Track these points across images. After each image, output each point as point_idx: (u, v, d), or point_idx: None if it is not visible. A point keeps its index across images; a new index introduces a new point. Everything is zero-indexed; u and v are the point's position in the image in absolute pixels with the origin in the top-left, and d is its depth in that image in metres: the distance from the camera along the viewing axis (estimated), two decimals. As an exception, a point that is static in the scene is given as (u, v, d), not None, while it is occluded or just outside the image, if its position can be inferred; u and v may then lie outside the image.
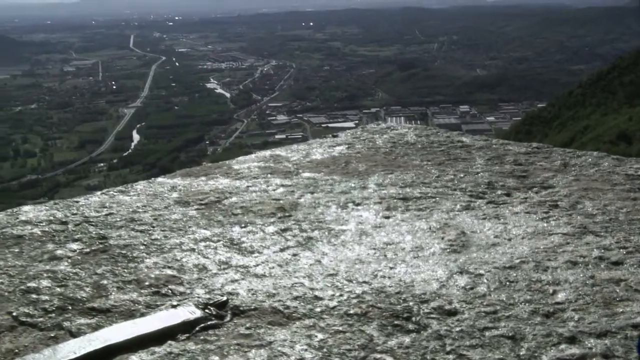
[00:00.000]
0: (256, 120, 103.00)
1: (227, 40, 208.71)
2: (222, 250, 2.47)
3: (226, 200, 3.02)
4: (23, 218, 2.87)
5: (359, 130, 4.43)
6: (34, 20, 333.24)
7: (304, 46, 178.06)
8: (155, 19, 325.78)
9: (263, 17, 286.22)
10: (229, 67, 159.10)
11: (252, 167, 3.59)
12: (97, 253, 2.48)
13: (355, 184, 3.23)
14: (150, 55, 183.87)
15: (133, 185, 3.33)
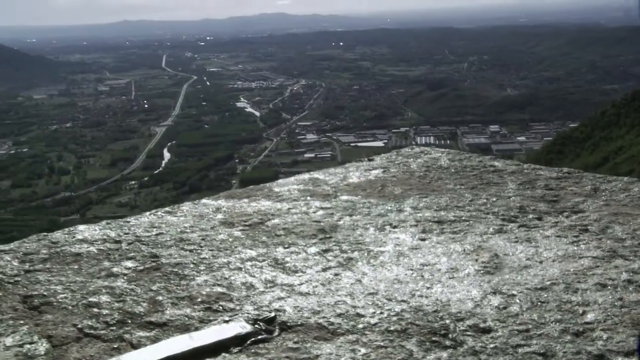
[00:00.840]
0: (285, 139, 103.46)
1: (257, 59, 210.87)
2: (268, 269, 2.62)
3: (269, 221, 3.18)
4: (79, 237, 3.06)
5: (393, 154, 4.57)
6: (71, 42, 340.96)
7: (333, 66, 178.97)
8: (187, 39, 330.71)
9: (293, 37, 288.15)
10: (259, 86, 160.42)
11: (292, 189, 3.75)
12: (151, 271, 2.65)
13: (391, 207, 3.37)
14: (181, 74, 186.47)
15: (179, 207, 3.51)
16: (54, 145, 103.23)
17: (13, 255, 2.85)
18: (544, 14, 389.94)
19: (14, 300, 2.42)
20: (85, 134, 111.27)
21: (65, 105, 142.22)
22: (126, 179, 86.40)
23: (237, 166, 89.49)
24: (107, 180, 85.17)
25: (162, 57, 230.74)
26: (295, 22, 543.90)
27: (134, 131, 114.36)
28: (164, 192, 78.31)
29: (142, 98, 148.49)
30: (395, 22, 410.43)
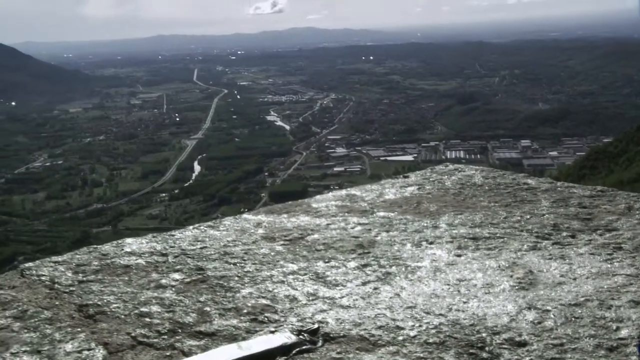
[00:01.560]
0: (315, 153, 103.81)
1: (287, 73, 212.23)
2: (309, 282, 2.74)
3: (309, 236, 3.30)
4: (127, 249, 3.21)
5: (428, 172, 4.66)
6: (106, 56, 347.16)
7: (363, 79, 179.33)
8: (219, 54, 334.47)
9: (324, 51, 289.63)
10: (289, 100, 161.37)
11: (330, 205, 3.87)
12: (197, 283, 2.78)
13: (427, 223, 3.46)
14: (212, 88, 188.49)
15: (221, 221, 3.64)
16: (88, 157, 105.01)
17: (67, 266, 3.00)
18: (576, 27, 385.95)
19: (71, 309, 2.57)
20: (117, 147, 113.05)
21: (99, 118, 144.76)
22: (157, 191, 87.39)
23: (267, 179, 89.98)
24: (138, 192, 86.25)
25: (194, 71, 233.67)
26: (325, 36, 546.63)
27: (165, 144, 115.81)
28: (193, 205, 79.07)
29: (174, 111, 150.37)
30: (425, 36, 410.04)
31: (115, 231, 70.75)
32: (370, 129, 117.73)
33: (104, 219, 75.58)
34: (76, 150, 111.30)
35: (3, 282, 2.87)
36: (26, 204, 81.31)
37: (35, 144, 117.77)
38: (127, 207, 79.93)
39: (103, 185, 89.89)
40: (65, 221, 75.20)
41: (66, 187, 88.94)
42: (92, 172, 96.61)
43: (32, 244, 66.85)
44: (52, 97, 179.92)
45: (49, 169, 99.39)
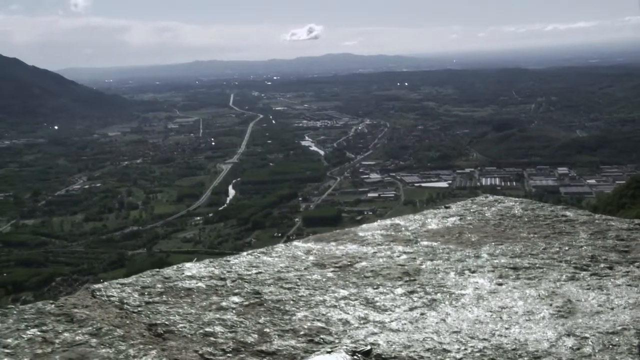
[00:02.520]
0: (349, 178, 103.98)
1: (322, 99, 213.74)
2: (360, 307, 2.93)
3: (357, 264, 3.50)
4: (188, 273, 3.43)
5: (468, 202, 4.83)
6: (145, 82, 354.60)
7: (398, 106, 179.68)
8: (255, 79, 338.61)
9: (359, 77, 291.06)
10: (324, 125, 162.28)
11: (375, 234, 4.07)
12: (255, 306, 2.99)
13: (469, 253, 3.63)
14: (248, 113, 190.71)
15: (273, 248, 3.86)
16: (125, 180, 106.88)
17: (133, 288, 3.24)
18: (615, 54, 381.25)
19: (141, 328, 2.79)
20: (154, 170, 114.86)
21: (136, 142, 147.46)
22: (192, 214, 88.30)
23: (301, 204, 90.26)
24: (173, 215, 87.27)
25: (230, 96, 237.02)
26: (361, 62, 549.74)
27: (200, 168, 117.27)
28: (227, 229, 79.67)
29: (210, 136, 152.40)
30: (461, 63, 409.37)
31: (150, 254, 71.66)
32: (404, 155, 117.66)
33: (139, 242, 76.61)
34: (114, 173, 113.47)
35: (76, 301, 3.11)
36: (65, 226, 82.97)
37: (75, 166, 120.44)
38: (162, 230, 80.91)
39: (139, 208, 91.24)
40: (101, 243, 76.44)
41: (103, 209, 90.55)
42: (129, 195, 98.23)
43: (69, 265, 68.10)
44: (93, 121, 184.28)
45: (87, 191, 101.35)
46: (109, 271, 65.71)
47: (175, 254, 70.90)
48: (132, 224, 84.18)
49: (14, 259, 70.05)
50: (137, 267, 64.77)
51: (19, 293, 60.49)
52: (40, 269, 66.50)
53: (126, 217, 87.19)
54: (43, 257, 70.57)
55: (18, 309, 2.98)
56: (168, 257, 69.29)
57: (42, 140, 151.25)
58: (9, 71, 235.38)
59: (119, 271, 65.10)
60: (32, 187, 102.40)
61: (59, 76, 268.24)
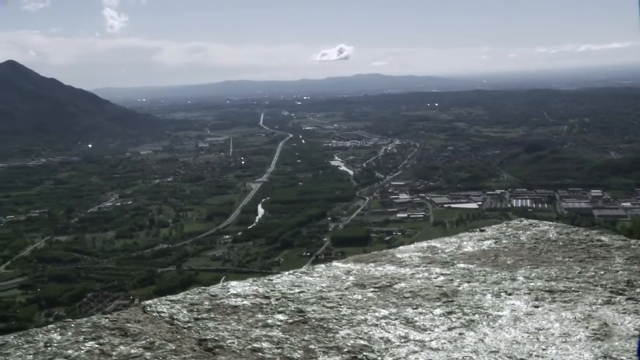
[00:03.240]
0: (378, 198, 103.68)
1: (352, 119, 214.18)
2: (400, 326, 3.04)
3: (396, 285, 3.61)
4: (233, 291, 3.58)
5: (503, 226, 4.92)
6: (177, 101, 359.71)
7: (428, 126, 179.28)
8: (285, 99, 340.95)
9: (388, 98, 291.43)
10: (354, 145, 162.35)
11: (412, 256, 4.18)
12: (299, 324, 3.12)
13: (505, 275, 3.72)
14: (278, 132, 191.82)
15: (314, 268, 4.00)
16: (156, 198, 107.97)
17: (181, 305, 3.39)
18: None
19: (191, 343, 2.94)
20: (184, 189, 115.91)
21: (167, 160, 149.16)
22: (221, 233, 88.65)
23: (330, 224, 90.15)
24: (203, 233, 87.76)
25: (260, 116, 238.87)
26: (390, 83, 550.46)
27: (230, 187, 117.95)
28: (256, 247, 79.85)
29: (240, 155, 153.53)
30: (491, 83, 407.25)
31: (180, 271, 72.15)
32: (434, 175, 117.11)
33: (169, 259, 77.16)
34: (145, 191, 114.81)
35: (129, 316, 3.27)
36: (97, 242, 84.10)
37: (108, 184, 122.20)
38: (192, 248, 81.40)
39: (169, 226, 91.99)
40: (132, 260, 77.17)
41: (134, 226, 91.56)
42: (159, 213, 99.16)
43: (100, 281, 68.91)
44: (126, 139, 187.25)
45: (119, 208, 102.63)
46: (139, 288, 66.30)
47: (204, 272, 71.30)
48: (162, 241, 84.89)
49: (48, 274, 71.18)
50: (167, 285, 65.27)
51: (51, 308, 61.37)
52: (72, 284, 67.43)
53: (156, 235, 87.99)
54: (75, 273, 71.57)
55: (75, 322, 3.15)
56: (197, 275, 69.72)
57: (76, 158, 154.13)
58: (47, 91, 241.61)
59: (148, 288, 65.71)
60: (66, 204, 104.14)
61: (94, 95, 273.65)
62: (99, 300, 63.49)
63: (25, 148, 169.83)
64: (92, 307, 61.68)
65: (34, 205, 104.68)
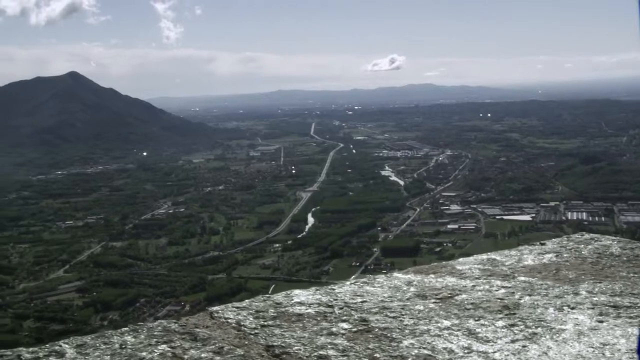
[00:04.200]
0: (429, 209, 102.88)
1: (403, 129, 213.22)
2: (463, 337, 3.07)
3: (457, 296, 3.65)
4: (297, 300, 3.67)
5: (564, 240, 4.89)
6: (229, 110, 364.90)
7: (480, 137, 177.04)
8: (336, 109, 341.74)
9: (440, 108, 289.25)
10: (404, 155, 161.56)
11: (473, 268, 4.20)
12: (363, 332, 3.19)
13: (567, 289, 3.71)
14: (329, 142, 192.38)
15: (375, 278, 4.06)
16: (207, 206, 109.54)
17: (247, 311, 3.50)
18: None
19: (259, 349, 3.04)
20: (235, 197, 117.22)
21: (219, 169, 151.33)
22: (271, 241, 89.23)
23: (379, 234, 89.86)
24: (253, 241, 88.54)
25: (311, 125, 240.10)
26: (442, 93, 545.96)
27: (280, 195, 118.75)
28: (305, 257, 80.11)
29: (290, 164, 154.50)
30: (547, 93, 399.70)
31: (230, 279, 72.93)
32: (486, 186, 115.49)
33: (219, 267, 78.10)
34: (197, 199, 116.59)
35: (197, 321, 3.40)
36: (149, 249, 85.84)
37: (161, 192, 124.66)
38: (242, 256, 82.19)
39: (220, 234, 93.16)
40: (183, 267, 78.42)
41: (186, 234, 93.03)
42: (210, 221, 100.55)
43: (153, 287, 70.26)
44: (179, 147, 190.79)
45: (171, 216, 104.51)
46: (190, 294, 67.37)
47: (253, 279, 71.94)
48: (213, 249, 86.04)
49: (103, 279, 73.03)
50: (217, 292, 66.16)
51: (106, 312, 62.94)
52: (126, 289, 69.00)
53: (207, 242, 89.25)
54: (129, 279, 73.17)
55: (147, 326, 3.29)
56: (247, 283, 70.38)
57: (131, 166, 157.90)
58: (105, 101, 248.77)
59: (199, 295, 66.72)
60: (121, 211, 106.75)
61: (150, 105, 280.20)
62: (152, 306, 64.72)
63: (84, 156, 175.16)
64: (145, 312, 62.92)
65: (91, 212, 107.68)
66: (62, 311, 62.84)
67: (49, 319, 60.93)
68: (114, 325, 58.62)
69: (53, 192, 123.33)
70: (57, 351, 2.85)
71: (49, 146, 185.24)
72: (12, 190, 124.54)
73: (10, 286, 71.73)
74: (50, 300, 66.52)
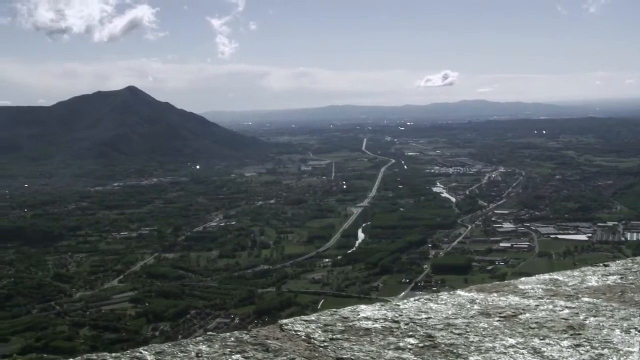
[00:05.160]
0: (481, 227, 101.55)
1: (456, 145, 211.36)
2: (529, 356, 3.12)
3: (521, 315, 3.69)
4: (363, 315, 3.77)
5: (629, 262, 4.86)
6: (281, 125, 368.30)
7: (534, 154, 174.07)
8: (388, 124, 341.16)
9: (494, 124, 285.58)
10: (456, 172, 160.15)
11: (535, 288, 4.23)
12: (430, 348, 3.27)
13: (634, 312, 3.71)
14: (380, 157, 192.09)
15: (438, 295, 4.14)
16: (258, 220, 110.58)
17: (316, 325, 3.62)
18: None
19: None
20: (286, 211, 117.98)
21: (270, 183, 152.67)
22: (320, 256, 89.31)
23: (430, 251, 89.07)
24: (303, 256, 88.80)
25: (363, 140, 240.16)
26: (496, 109, 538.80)
27: (331, 210, 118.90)
28: (355, 272, 79.86)
29: (341, 179, 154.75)
30: (605, 110, 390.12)
31: (279, 292, 73.20)
32: (540, 205, 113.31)
33: (269, 280, 78.51)
34: (248, 212, 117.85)
35: (267, 333, 3.53)
36: (201, 261, 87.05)
37: (213, 204, 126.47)
38: (292, 270, 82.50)
39: (270, 247, 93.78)
40: (233, 279, 79.14)
41: (237, 247, 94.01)
42: (261, 234, 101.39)
43: (203, 299, 71.07)
44: (231, 161, 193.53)
45: (223, 228, 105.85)
46: (239, 307, 67.86)
47: (302, 294, 72.04)
48: (263, 262, 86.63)
49: (156, 289, 74.32)
50: (266, 305, 66.55)
51: (157, 322, 63.96)
52: (177, 301, 70.00)
53: (258, 256, 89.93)
54: (180, 290, 74.23)
55: (220, 336, 3.44)
56: (296, 297, 70.54)
57: (185, 179, 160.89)
58: (161, 114, 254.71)
59: (248, 308, 67.19)
60: (174, 223, 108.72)
61: (203, 119, 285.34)
62: (202, 318, 65.41)
63: (140, 168, 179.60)
64: (195, 323, 63.68)
65: (145, 223, 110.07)
66: (116, 320, 64.24)
67: (103, 327, 62.39)
68: (165, 336, 59.63)
69: (109, 203, 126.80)
70: (138, 357, 3.01)
71: (106, 158, 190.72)
72: (72, 200, 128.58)
73: (67, 294, 73.81)
74: (105, 309, 68.13)
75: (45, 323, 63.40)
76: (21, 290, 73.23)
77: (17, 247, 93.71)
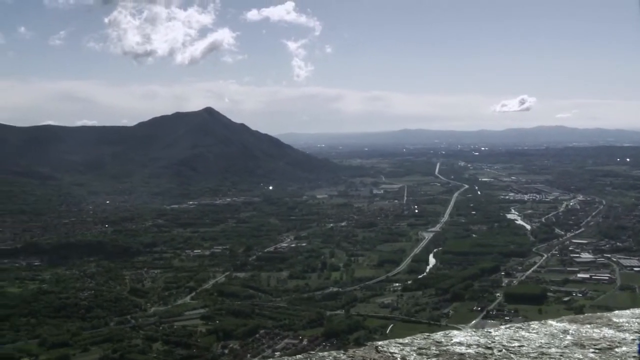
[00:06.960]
0: (557, 256, 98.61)
1: (532, 172, 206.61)
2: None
3: (617, 348, 3.69)
4: (456, 340, 3.86)
5: None
6: (354, 148, 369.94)
7: (617, 182, 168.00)
8: (462, 149, 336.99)
9: (572, 151, 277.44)
10: (532, 199, 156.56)
11: (631, 322, 4.21)
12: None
13: None
14: (453, 182, 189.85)
15: (529, 324, 4.17)
16: (329, 242, 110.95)
17: (410, 348, 3.73)
18: None
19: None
20: (357, 234, 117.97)
21: (342, 205, 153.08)
22: (390, 280, 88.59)
23: (503, 279, 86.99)
24: (372, 279, 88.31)
25: (436, 165, 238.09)
26: (575, 136, 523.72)
27: (402, 234, 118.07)
28: (425, 298, 78.72)
29: (413, 203, 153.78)
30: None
31: (348, 315, 72.87)
32: (622, 235, 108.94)
33: (338, 303, 78.27)
34: (319, 234, 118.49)
35: (364, 354, 3.67)
36: (271, 281, 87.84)
37: (285, 225, 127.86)
38: (361, 293, 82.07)
39: (340, 270, 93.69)
40: (303, 301, 79.32)
41: (307, 268, 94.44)
42: (331, 257, 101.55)
43: (272, 319, 71.56)
44: (304, 183, 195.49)
45: (293, 249, 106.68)
46: (308, 329, 67.92)
47: (371, 318, 71.49)
48: (333, 284, 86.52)
49: (226, 308, 75.41)
50: (335, 328, 66.40)
51: (227, 340, 64.79)
52: (247, 320, 70.74)
53: (327, 278, 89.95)
54: (250, 309, 74.99)
55: (318, 355, 3.60)
56: (365, 321, 70.06)
57: (257, 199, 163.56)
58: (236, 135, 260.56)
59: (317, 330, 67.14)
60: (245, 242, 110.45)
61: (278, 140, 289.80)
62: (270, 338, 65.81)
63: (214, 188, 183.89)
64: (264, 343, 64.17)
65: (218, 242, 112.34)
66: (187, 336, 65.51)
67: (175, 342, 63.73)
68: (234, 354, 60.33)
69: (184, 221, 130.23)
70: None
71: (182, 177, 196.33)
72: (149, 217, 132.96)
73: (142, 309, 75.95)
74: (177, 325, 69.65)
75: (122, 335, 65.47)
76: (100, 302, 75.96)
77: (98, 261, 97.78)
